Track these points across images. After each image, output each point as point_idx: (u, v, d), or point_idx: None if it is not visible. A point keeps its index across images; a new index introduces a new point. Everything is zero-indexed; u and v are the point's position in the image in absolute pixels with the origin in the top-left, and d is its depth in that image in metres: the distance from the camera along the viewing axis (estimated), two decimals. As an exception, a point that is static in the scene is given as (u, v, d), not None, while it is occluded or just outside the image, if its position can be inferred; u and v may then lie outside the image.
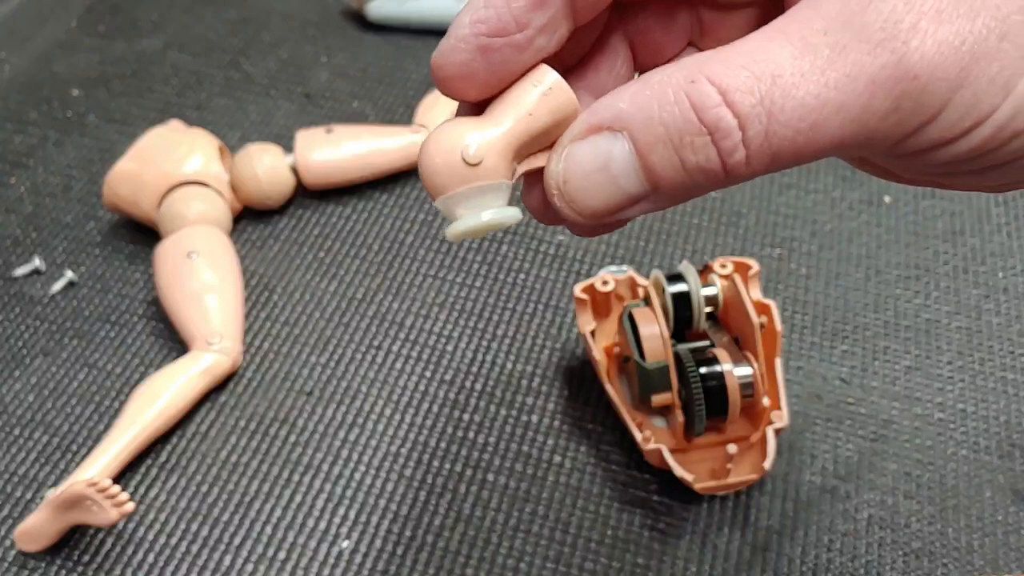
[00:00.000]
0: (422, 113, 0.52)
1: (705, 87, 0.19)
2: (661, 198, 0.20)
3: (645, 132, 0.19)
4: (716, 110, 0.19)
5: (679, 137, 0.19)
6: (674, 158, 0.19)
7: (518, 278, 0.46)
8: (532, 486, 0.38)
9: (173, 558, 0.37)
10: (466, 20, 0.21)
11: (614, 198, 0.20)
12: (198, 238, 0.44)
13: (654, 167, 0.19)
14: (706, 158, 0.19)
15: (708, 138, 0.19)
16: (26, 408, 0.42)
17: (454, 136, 0.20)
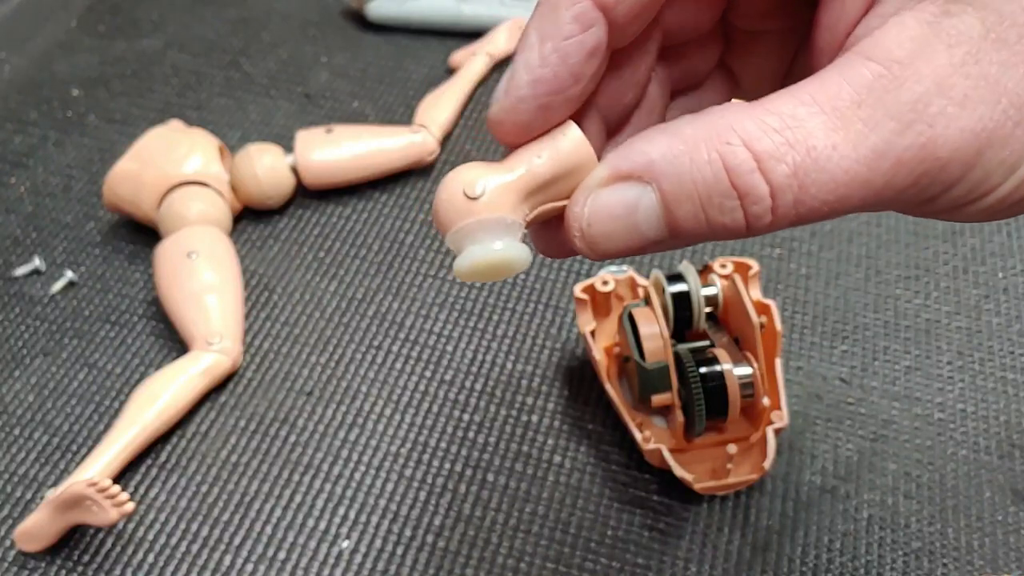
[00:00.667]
0: (422, 113, 0.52)
1: (740, 151, 0.19)
2: (675, 243, 0.20)
3: (675, 187, 0.20)
4: (750, 176, 0.19)
5: (708, 197, 0.19)
6: (700, 215, 0.20)
7: (518, 278, 0.46)
8: (532, 486, 0.39)
9: (173, 558, 0.37)
10: (524, 80, 0.21)
11: (633, 242, 0.20)
12: (198, 238, 0.44)
13: (678, 220, 0.20)
14: (732, 219, 0.20)
15: (738, 202, 0.19)
16: (26, 408, 0.42)
17: (460, 174, 0.21)
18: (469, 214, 0.21)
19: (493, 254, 0.21)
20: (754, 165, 0.19)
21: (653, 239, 0.20)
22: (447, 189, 0.21)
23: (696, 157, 0.19)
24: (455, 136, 0.54)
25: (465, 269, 0.21)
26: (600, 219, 0.20)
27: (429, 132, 0.51)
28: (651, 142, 0.20)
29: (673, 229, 0.20)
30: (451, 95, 0.54)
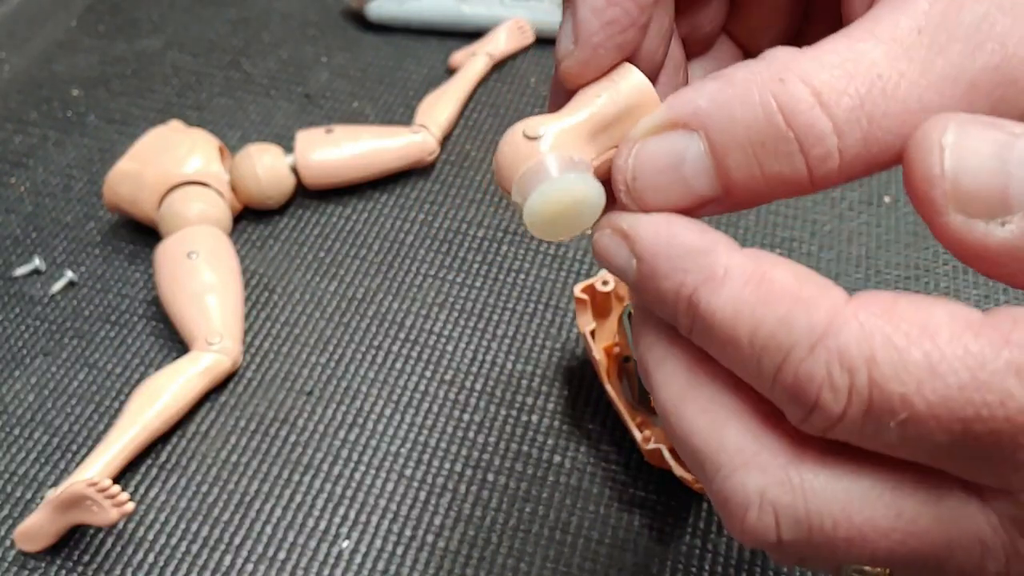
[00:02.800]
0: (422, 113, 0.52)
1: (796, 87, 0.17)
2: (731, 203, 0.19)
3: (723, 134, 0.18)
4: (809, 113, 0.17)
5: (761, 143, 0.18)
6: (753, 164, 0.18)
7: (518, 278, 0.46)
8: (532, 486, 0.38)
9: (173, 558, 0.37)
10: (595, 25, 0.20)
11: (682, 199, 0.19)
12: (198, 238, 0.44)
13: (729, 172, 0.18)
14: (791, 168, 0.18)
15: (796, 146, 0.18)
16: (26, 408, 0.42)
17: (519, 123, 0.20)
18: (533, 155, 0.19)
19: (568, 186, 0.19)
20: (813, 101, 0.17)
21: (704, 195, 0.19)
22: (507, 138, 0.20)
23: (747, 99, 0.18)
24: (455, 136, 0.54)
25: (538, 212, 0.19)
26: (646, 172, 0.19)
27: (429, 132, 0.51)
28: (699, 88, 0.19)
29: (725, 183, 0.18)
30: (451, 95, 0.54)
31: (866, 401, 0.17)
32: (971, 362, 0.16)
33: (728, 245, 0.19)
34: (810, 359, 0.17)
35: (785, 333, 0.17)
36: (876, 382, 0.16)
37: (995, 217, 0.16)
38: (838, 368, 0.17)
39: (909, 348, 0.16)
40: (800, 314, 0.17)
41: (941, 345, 0.16)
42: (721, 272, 0.18)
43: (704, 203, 0.19)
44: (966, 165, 0.16)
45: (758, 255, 0.18)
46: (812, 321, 0.17)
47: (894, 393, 0.16)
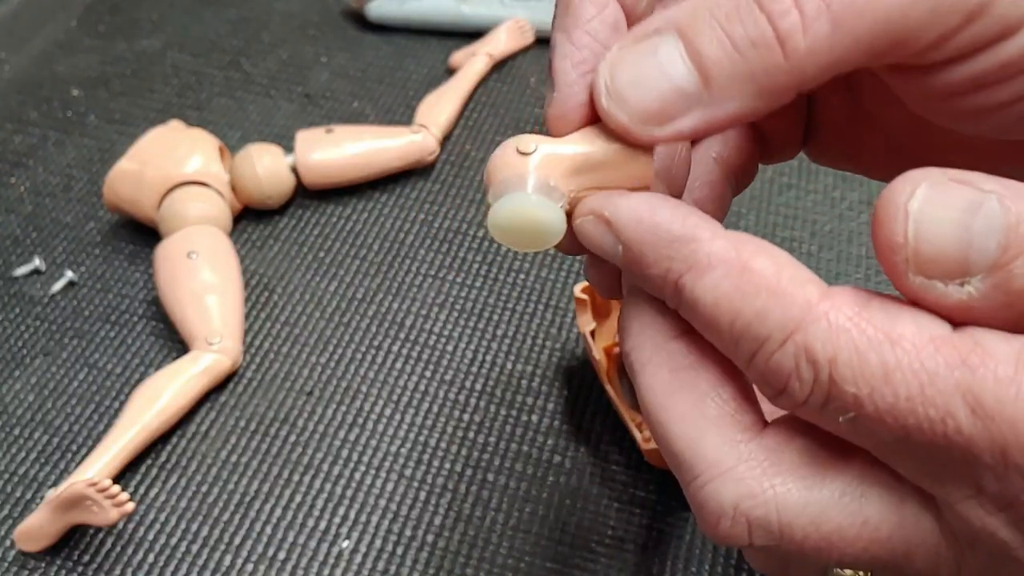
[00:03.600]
0: (422, 113, 0.52)
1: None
2: (719, 94, 0.19)
3: (691, 19, 0.19)
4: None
5: (725, 14, 0.18)
6: (719, 33, 0.18)
7: (518, 278, 0.46)
8: (532, 486, 0.39)
9: (173, 558, 0.37)
10: (567, 68, 0.20)
11: (665, 90, 0.19)
12: (198, 238, 0.44)
13: (701, 48, 0.18)
14: (756, 26, 0.18)
15: (756, 7, 0.18)
16: (26, 408, 0.42)
17: (518, 137, 0.21)
18: (516, 168, 0.20)
19: (528, 206, 0.20)
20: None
21: (685, 87, 0.19)
22: (502, 146, 0.21)
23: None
24: (455, 136, 0.54)
25: (500, 219, 0.20)
26: (622, 66, 0.19)
27: (429, 132, 0.51)
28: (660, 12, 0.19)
29: (699, 65, 0.18)
30: (451, 95, 0.54)
31: (825, 394, 0.18)
32: (923, 376, 0.17)
33: (711, 230, 0.19)
34: (780, 352, 0.18)
35: (760, 324, 0.18)
36: (835, 380, 0.17)
37: (954, 280, 0.17)
38: (804, 362, 0.18)
39: (868, 353, 0.17)
40: (775, 308, 0.18)
41: (899, 354, 0.17)
42: (704, 261, 0.19)
43: (687, 100, 0.19)
44: (928, 233, 0.17)
45: (740, 241, 0.19)
46: (785, 316, 0.18)
47: (848, 393, 0.17)
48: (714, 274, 0.19)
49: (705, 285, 0.19)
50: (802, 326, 0.18)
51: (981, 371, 0.17)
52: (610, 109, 0.19)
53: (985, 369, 0.17)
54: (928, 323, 0.17)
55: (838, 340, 0.17)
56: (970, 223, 0.17)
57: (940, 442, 0.17)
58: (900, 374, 0.17)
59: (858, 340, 0.17)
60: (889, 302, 0.18)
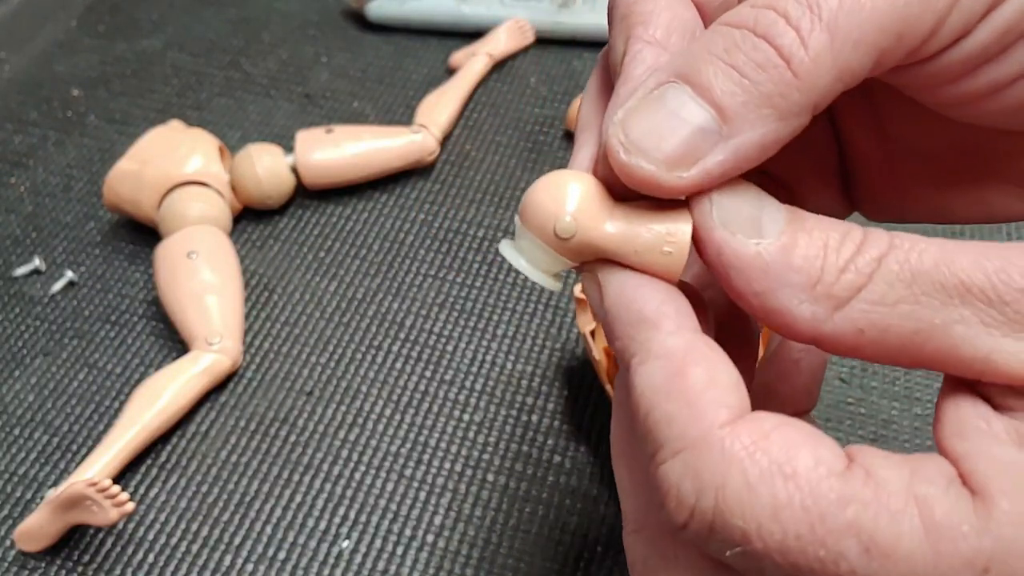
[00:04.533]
0: (422, 113, 0.52)
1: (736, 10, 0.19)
2: (738, 125, 0.18)
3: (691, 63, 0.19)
4: (750, 12, 0.18)
5: (723, 48, 0.18)
6: (722, 66, 0.18)
7: (518, 278, 0.46)
8: (532, 486, 0.39)
9: (173, 558, 0.37)
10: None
11: (684, 133, 0.18)
12: (198, 238, 0.44)
13: (708, 85, 0.18)
14: (758, 50, 0.18)
15: (752, 35, 0.18)
16: (26, 408, 0.42)
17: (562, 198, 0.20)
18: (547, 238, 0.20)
19: (528, 272, 0.21)
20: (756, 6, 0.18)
21: (702, 125, 0.18)
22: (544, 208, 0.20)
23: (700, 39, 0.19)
24: (455, 136, 0.54)
25: (506, 254, 0.22)
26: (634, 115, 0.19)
27: (429, 132, 0.51)
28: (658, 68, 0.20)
29: (716, 105, 0.18)
30: (451, 95, 0.54)
31: (708, 524, 0.17)
32: (814, 515, 0.16)
33: (678, 324, 0.19)
34: (669, 464, 0.18)
35: (664, 429, 0.18)
36: (721, 511, 0.17)
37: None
38: (689, 483, 0.17)
39: (759, 486, 0.17)
40: (682, 418, 0.18)
41: (791, 489, 0.17)
42: (652, 350, 0.19)
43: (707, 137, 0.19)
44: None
45: (692, 345, 0.19)
46: (686, 431, 0.18)
47: (735, 526, 0.17)
48: (654, 365, 0.19)
49: (643, 372, 0.19)
50: (696, 445, 0.17)
51: (873, 507, 0.16)
52: (631, 162, 0.19)
53: (877, 504, 0.16)
54: (827, 456, 0.17)
55: (729, 469, 0.17)
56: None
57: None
58: (790, 511, 0.16)
59: (750, 471, 0.17)
60: (794, 432, 0.18)
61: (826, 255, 0.18)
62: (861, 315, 0.18)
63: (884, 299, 0.18)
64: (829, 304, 0.18)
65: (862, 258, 0.18)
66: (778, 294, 0.18)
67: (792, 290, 0.18)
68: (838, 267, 0.18)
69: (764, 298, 0.19)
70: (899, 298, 0.18)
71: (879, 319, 0.18)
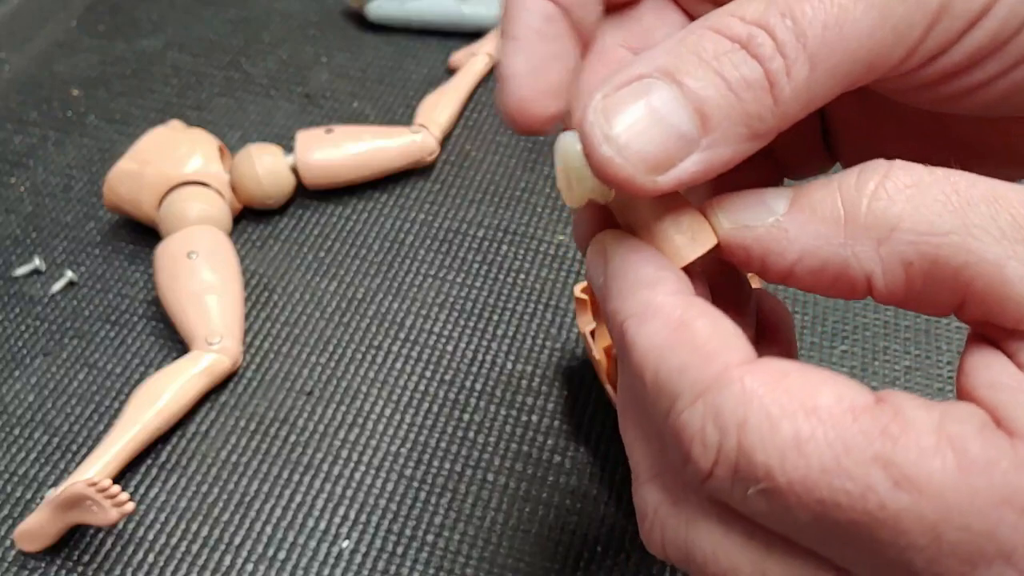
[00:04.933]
0: (422, 113, 0.52)
1: (724, 19, 0.18)
2: (716, 137, 0.18)
3: (679, 64, 0.18)
4: (743, 27, 0.18)
5: (714, 57, 0.18)
6: (714, 77, 0.18)
7: (518, 278, 0.46)
8: (532, 486, 0.39)
9: (173, 558, 0.37)
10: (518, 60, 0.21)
11: (666, 136, 0.18)
12: (198, 238, 0.44)
13: (697, 91, 0.18)
14: (749, 68, 0.18)
15: (744, 52, 0.18)
16: (26, 408, 0.42)
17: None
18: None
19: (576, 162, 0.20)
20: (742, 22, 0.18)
21: (685, 132, 0.18)
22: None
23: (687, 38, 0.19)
24: (455, 136, 0.54)
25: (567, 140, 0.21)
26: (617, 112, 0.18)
27: (429, 132, 0.51)
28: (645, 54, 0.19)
29: (698, 107, 0.18)
30: (451, 95, 0.54)
31: (733, 464, 0.17)
32: (839, 447, 0.16)
33: (675, 284, 0.19)
34: (689, 411, 0.17)
35: (677, 380, 0.18)
36: (743, 448, 0.17)
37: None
38: (711, 425, 0.17)
39: (781, 420, 0.16)
40: (694, 365, 0.18)
41: (814, 423, 0.16)
42: (650, 310, 0.19)
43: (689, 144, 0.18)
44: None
45: (691, 302, 0.19)
46: (701, 375, 0.17)
47: (758, 462, 0.16)
48: (653, 324, 0.18)
49: (642, 332, 0.18)
50: (714, 387, 0.17)
51: (903, 441, 0.16)
52: (614, 159, 0.18)
53: (907, 439, 0.16)
54: (849, 392, 0.17)
55: (749, 404, 0.17)
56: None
57: (862, 520, 0.16)
58: (814, 444, 0.16)
59: (771, 407, 0.17)
60: (812, 371, 0.17)
61: (842, 191, 0.18)
62: (909, 247, 0.17)
63: (934, 228, 0.17)
64: (869, 238, 0.18)
65: (892, 183, 0.18)
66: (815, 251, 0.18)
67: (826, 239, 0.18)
68: (867, 194, 0.18)
69: (801, 263, 0.18)
70: (950, 228, 0.17)
71: (929, 250, 0.17)
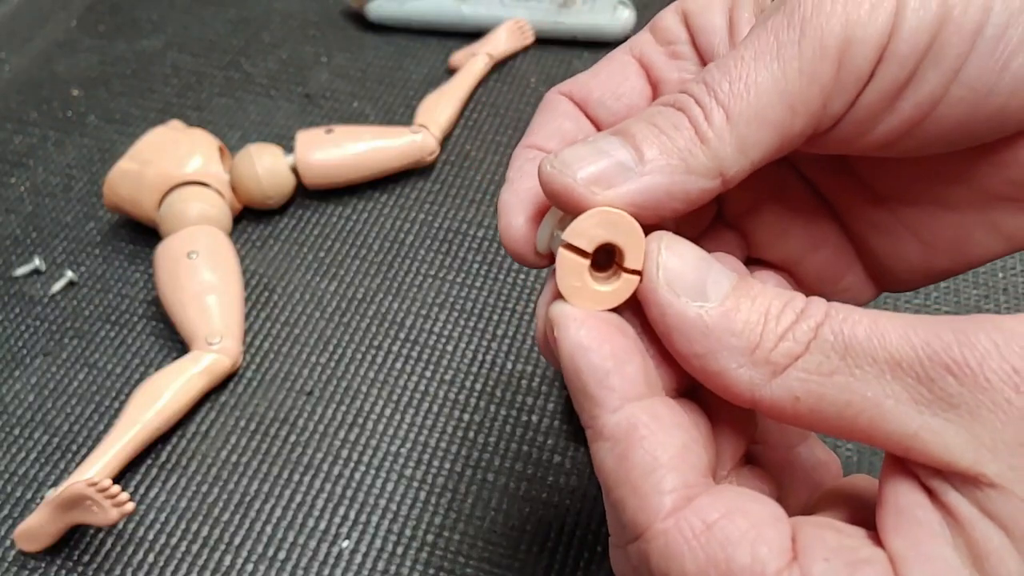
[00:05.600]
0: (422, 113, 0.52)
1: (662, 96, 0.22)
2: (652, 167, 0.21)
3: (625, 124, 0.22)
4: (672, 96, 0.21)
5: (650, 115, 0.21)
6: (648, 125, 0.21)
7: (518, 278, 0.46)
8: (532, 486, 0.39)
9: (173, 558, 0.37)
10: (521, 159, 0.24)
11: (607, 162, 0.21)
12: (198, 238, 0.44)
13: (634, 134, 0.21)
14: (674, 117, 0.21)
15: (671, 108, 0.21)
16: (26, 408, 0.42)
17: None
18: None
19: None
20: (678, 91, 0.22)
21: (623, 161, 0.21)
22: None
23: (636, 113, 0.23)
24: (455, 136, 0.54)
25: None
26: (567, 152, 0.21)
27: (429, 132, 0.51)
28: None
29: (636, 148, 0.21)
30: (451, 95, 0.54)
31: None
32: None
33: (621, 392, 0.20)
34: (626, 549, 0.20)
35: (618, 516, 0.20)
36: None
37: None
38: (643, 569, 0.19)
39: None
40: (630, 507, 0.19)
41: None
42: (600, 428, 0.20)
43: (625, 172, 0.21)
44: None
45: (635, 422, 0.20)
46: (635, 519, 0.19)
47: None
48: (603, 446, 0.20)
49: (596, 450, 0.20)
50: (646, 536, 0.19)
51: None
52: (554, 171, 0.21)
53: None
54: (765, 555, 0.18)
55: (671, 562, 0.18)
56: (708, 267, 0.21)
57: None
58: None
59: (688, 566, 0.18)
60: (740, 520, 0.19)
61: (766, 322, 0.19)
62: (798, 383, 0.19)
63: (820, 368, 0.19)
64: (767, 370, 0.19)
65: (800, 327, 0.19)
66: (718, 357, 0.19)
67: (731, 354, 0.19)
68: (777, 334, 0.19)
69: (704, 360, 0.20)
70: (834, 368, 0.18)
71: (815, 388, 0.19)
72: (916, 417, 0.18)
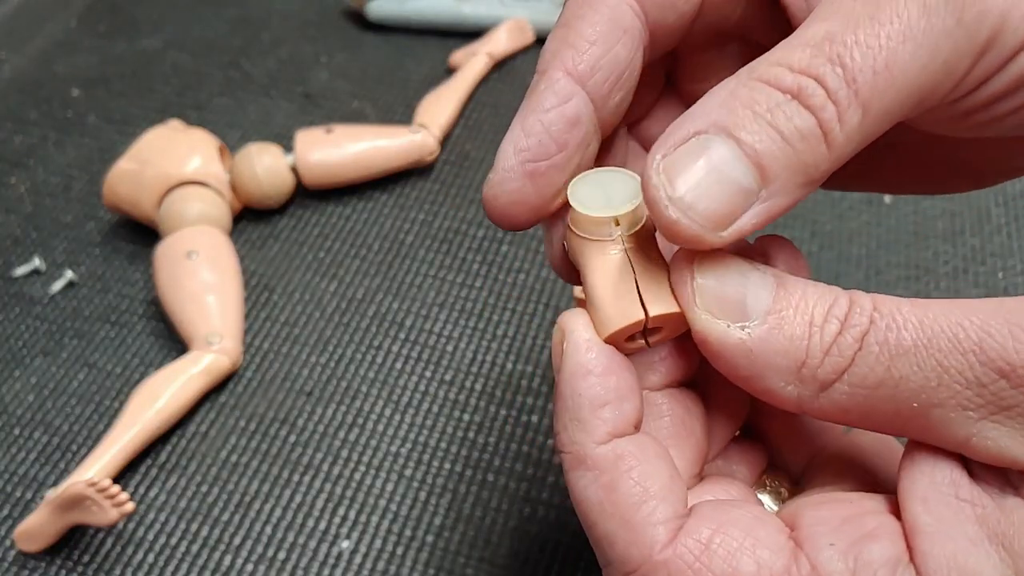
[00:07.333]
0: (422, 113, 0.52)
1: (772, 69, 0.18)
2: (775, 188, 0.18)
3: (733, 118, 0.18)
4: (792, 78, 0.18)
5: (767, 109, 0.18)
6: (769, 129, 0.18)
7: (518, 278, 0.46)
8: (532, 486, 0.38)
9: (173, 558, 0.37)
10: (510, 150, 0.22)
11: (728, 192, 0.18)
12: (198, 238, 0.44)
13: (754, 145, 0.18)
14: (802, 120, 0.18)
15: (796, 103, 0.18)
16: (26, 408, 0.42)
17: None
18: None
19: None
20: (790, 71, 0.18)
21: (746, 185, 0.18)
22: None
23: (735, 92, 0.19)
24: (455, 136, 0.54)
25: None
26: (680, 173, 0.19)
27: (429, 132, 0.51)
28: (690, 111, 0.19)
29: (756, 161, 0.18)
30: (451, 95, 0.54)
31: None
32: None
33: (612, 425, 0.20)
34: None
35: (609, 547, 0.19)
36: None
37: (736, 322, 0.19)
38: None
39: None
40: (622, 541, 0.19)
41: None
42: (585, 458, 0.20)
43: (750, 196, 0.19)
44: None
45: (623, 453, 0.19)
46: (629, 554, 0.19)
47: None
48: (587, 477, 0.20)
49: (577, 480, 0.20)
50: (644, 571, 0.19)
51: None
52: (680, 220, 0.18)
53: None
54: (768, 558, 0.18)
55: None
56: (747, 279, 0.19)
57: None
58: None
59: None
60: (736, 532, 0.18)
61: (810, 336, 0.19)
62: (845, 397, 0.18)
63: (865, 381, 0.18)
64: (814, 387, 0.19)
65: (845, 339, 0.18)
66: (764, 379, 0.19)
67: (778, 374, 0.19)
68: (822, 349, 0.18)
69: (751, 382, 0.19)
70: (879, 381, 0.18)
71: (862, 400, 0.18)
72: (965, 424, 0.17)
